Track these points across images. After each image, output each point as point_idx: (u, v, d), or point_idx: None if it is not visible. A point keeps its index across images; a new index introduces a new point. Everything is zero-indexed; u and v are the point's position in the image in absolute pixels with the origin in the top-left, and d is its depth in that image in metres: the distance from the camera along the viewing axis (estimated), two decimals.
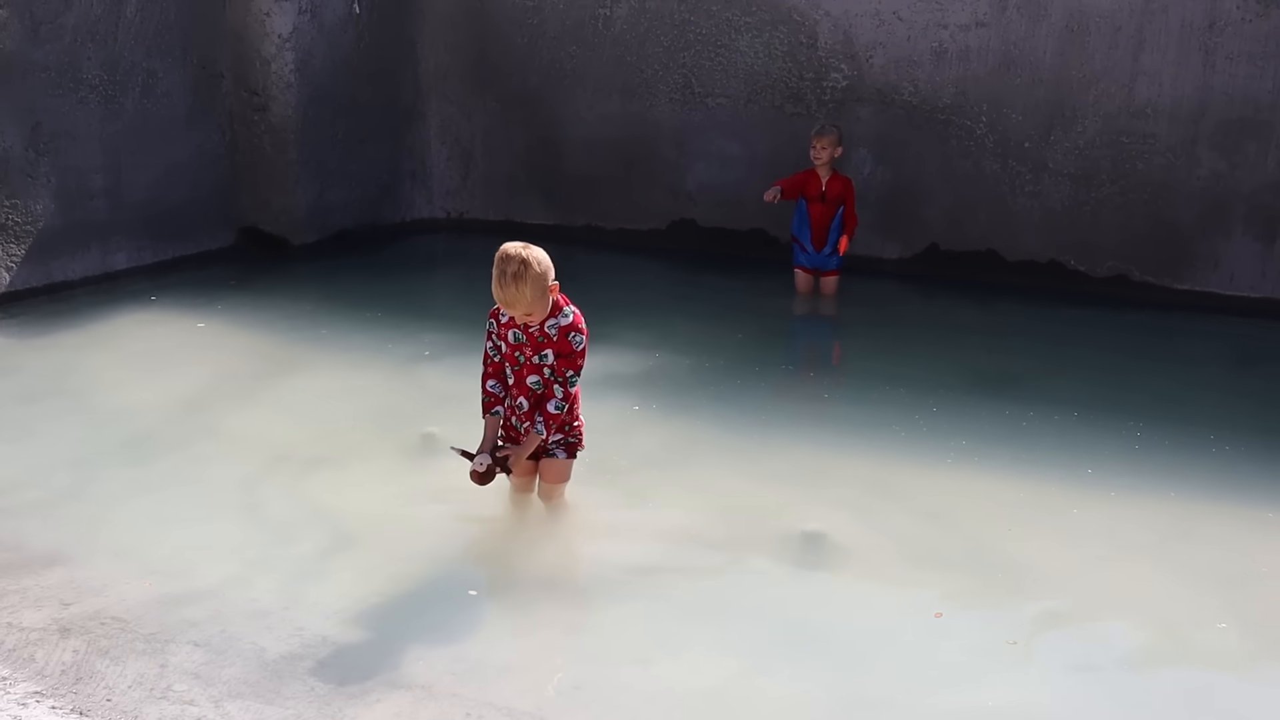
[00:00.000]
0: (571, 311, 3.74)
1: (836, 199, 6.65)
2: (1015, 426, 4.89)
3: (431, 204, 8.62)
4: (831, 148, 6.57)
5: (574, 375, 3.74)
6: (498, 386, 3.86)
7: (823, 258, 6.77)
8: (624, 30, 7.82)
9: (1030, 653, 3.30)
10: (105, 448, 4.53)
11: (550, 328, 3.71)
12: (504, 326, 3.80)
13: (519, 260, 3.57)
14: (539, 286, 3.59)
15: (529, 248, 3.62)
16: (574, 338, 3.71)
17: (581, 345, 3.73)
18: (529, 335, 3.73)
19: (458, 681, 3.04)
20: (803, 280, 6.88)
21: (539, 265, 3.59)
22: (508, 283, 3.57)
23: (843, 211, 6.69)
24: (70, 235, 6.57)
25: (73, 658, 3.10)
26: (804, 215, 6.76)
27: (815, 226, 6.73)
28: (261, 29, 7.26)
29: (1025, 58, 6.94)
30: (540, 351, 3.73)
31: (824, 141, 6.58)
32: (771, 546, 3.86)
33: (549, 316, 3.71)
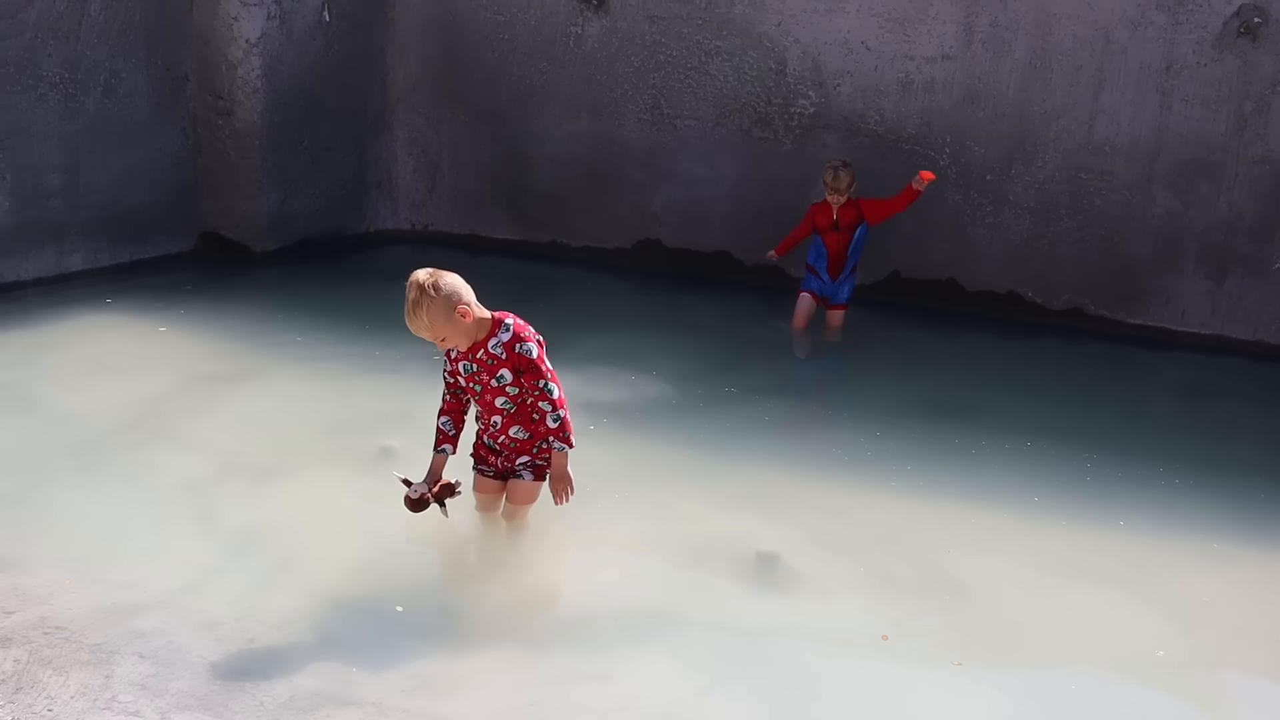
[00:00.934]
0: (511, 324, 3.68)
1: (851, 224, 6.53)
2: (968, 454, 4.95)
3: (396, 215, 8.58)
4: (847, 191, 6.42)
5: (546, 384, 3.68)
6: (449, 424, 3.82)
7: (835, 286, 6.63)
8: (595, 49, 7.85)
9: (975, 676, 3.33)
10: (54, 452, 4.45)
11: (494, 348, 3.66)
12: (454, 360, 3.76)
13: (417, 288, 3.53)
14: (442, 312, 3.53)
15: (436, 274, 3.57)
16: (522, 349, 3.65)
17: (535, 353, 3.66)
18: (478, 362, 3.69)
19: (409, 698, 3.01)
20: (805, 304, 6.66)
21: (440, 291, 3.52)
22: (409, 311, 3.56)
23: (860, 237, 6.54)
24: (24, 234, 6.46)
25: (14, 667, 3.03)
26: (819, 247, 6.61)
27: (832, 256, 6.58)
28: (229, 33, 7.20)
29: (989, 91, 7.06)
30: (495, 374, 3.69)
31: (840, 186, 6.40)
32: (727, 567, 3.86)
33: (489, 337, 3.66)
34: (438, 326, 3.56)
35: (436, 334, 3.59)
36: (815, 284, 6.67)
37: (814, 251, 6.64)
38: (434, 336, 3.60)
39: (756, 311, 6.95)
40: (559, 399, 3.71)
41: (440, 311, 3.53)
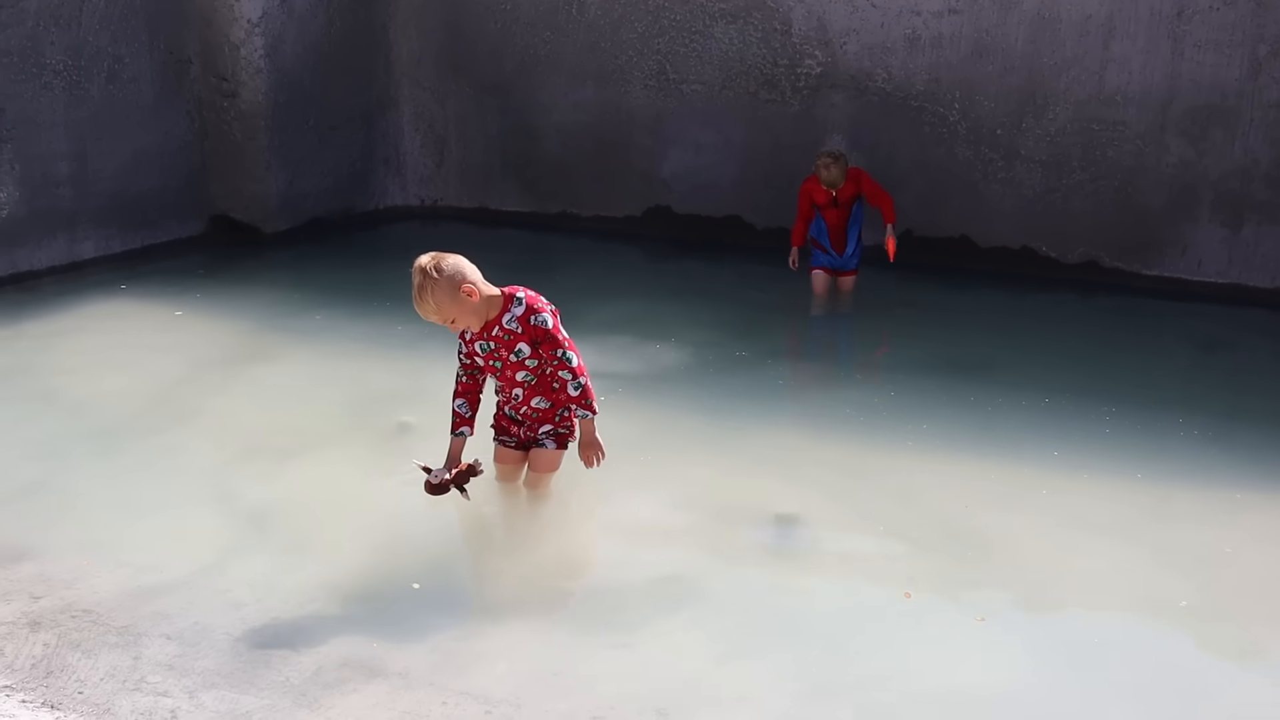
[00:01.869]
0: (523, 297, 3.67)
1: (850, 198, 6.40)
2: (985, 411, 4.93)
3: (405, 191, 8.56)
4: (840, 178, 6.26)
5: (565, 352, 3.67)
6: (465, 406, 3.81)
7: (844, 259, 6.53)
8: (598, 16, 7.78)
9: (999, 631, 3.34)
10: (74, 438, 4.48)
11: (509, 323, 3.65)
12: (470, 341, 3.76)
13: (420, 272, 3.54)
14: (446, 293, 3.52)
15: (438, 256, 3.56)
16: (537, 319, 3.64)
17: (550, 324, 3.65)
18: (494, 339, 3.69)
19: (434, 669, 3.04)
20: (820, 281, 6.59)
21: (443, 272, 3.52)
22: (416, 297, 3.57)
23: (864, 201, 6.40)
24: (36, 224, 6.48)
25: (43, 651, 3.07)
26: (820, 223, 6.50)
27: (833, 230, 6.47)
28: (230, 14, 7.17)
29: (997, 45, 6.97)
30: (513, 349, 3.69)
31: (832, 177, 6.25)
32: (746, 530, 3.87)
33: (501, 313, 3.65)
34: (445, 308, 3.55)
35: (445, 316, 3.58)
36: (824, 259, 6.56)
37: (815, 227, 6.53)
38: (443, 319, 3.59)
39: (768, 275, 6.92)
40: (578, 366, 3.70)
41: (445, 293, 3.52)
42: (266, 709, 2.85)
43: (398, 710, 2.86)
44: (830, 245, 6.51)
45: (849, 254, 6.52)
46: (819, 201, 6.41)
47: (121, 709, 2.83)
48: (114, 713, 2.80)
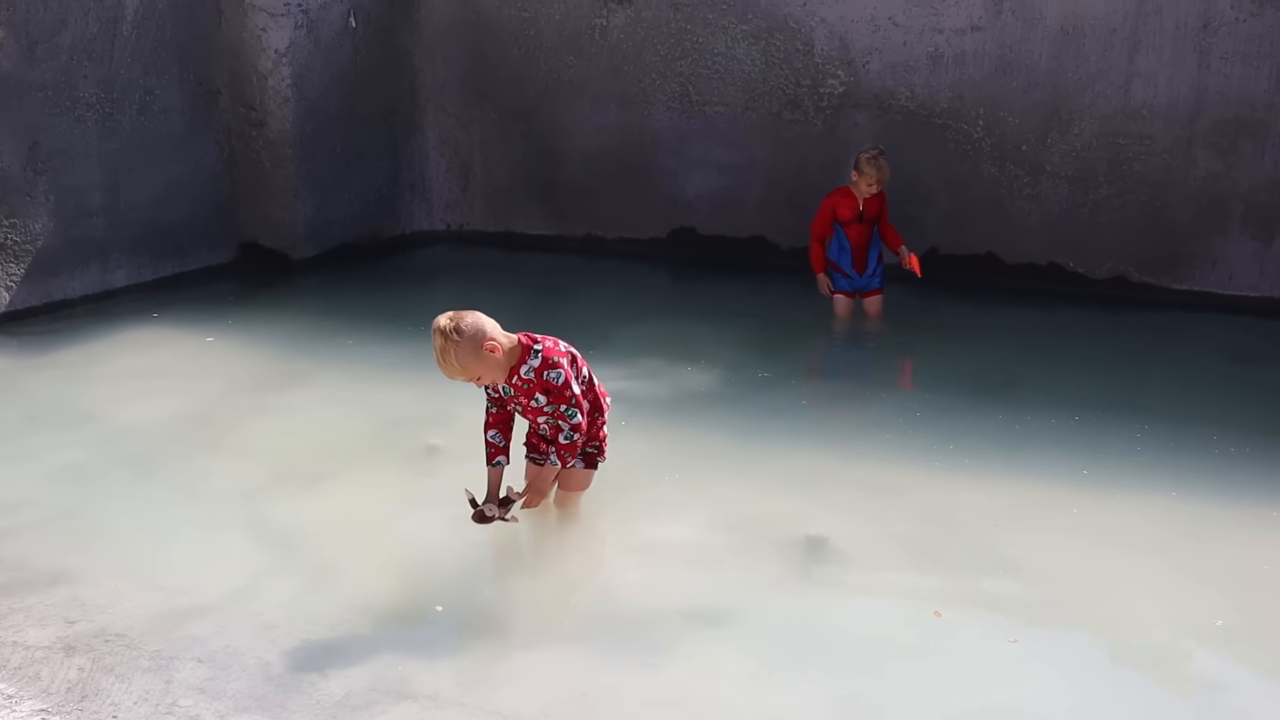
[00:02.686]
0: (540, 349, 3.65)
1: (874, 216, 6.29)
2: (1013, 429, 4.89)
3: (431, 216, 8.63)
4: (883, 183, 6.17)
5: (570, 409, 3.67)
6: (499, 436, 3.81)
7: (865, 279, 6.40)
8: (620, 40, 7.84)
9: (1031, 651, 3.30)
10: (107, 464, 4.53)
11: (527, 373, 3.65)
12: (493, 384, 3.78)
13: (440, 334, 3.52)
14: (469, 353, 3.51)
15: (456, 316, 3.55)
16: (549, 375, 3.63)
17: (561, 379, 3.63)
18: (514, 387, 3.70)
19: (463, 690, 3.04)
20: (844, 306, 6.43)
21: (464, 333, 3.50)
22: (439, 359, 3.56)
23: (879, 227, 6.31)
24: (69, 253, 6.58)
25: (78, 675, 3.10)
26: (842, 240, 6.32)
27: (855, 249, 6.31)
28: (258, 45, 7.28)
29: (1021, 61, 6.96)
30: (531, 397, 3.70)
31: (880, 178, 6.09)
32: (774, 551, 3.86)
33: (519, 364, 3.64)
34: (470, 367, 3.55)
35: (470, 375, 3.58)
36: (845, 283, 6.41)
37: (835, 247, 6.36)
38: (468, 377, 3.59)
39: (794, 295, 6.90)
40: (578, 424, 3.70)
41: (469, 353, 3.51)
42: None
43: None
44: (851, 265, 6.36)
45: (870, 274, 6.42)
46: (843, 217, 6.29)
47: None
48: None
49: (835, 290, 6.46)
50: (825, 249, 6.44)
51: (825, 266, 6.46)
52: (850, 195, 6.26)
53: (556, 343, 3.75)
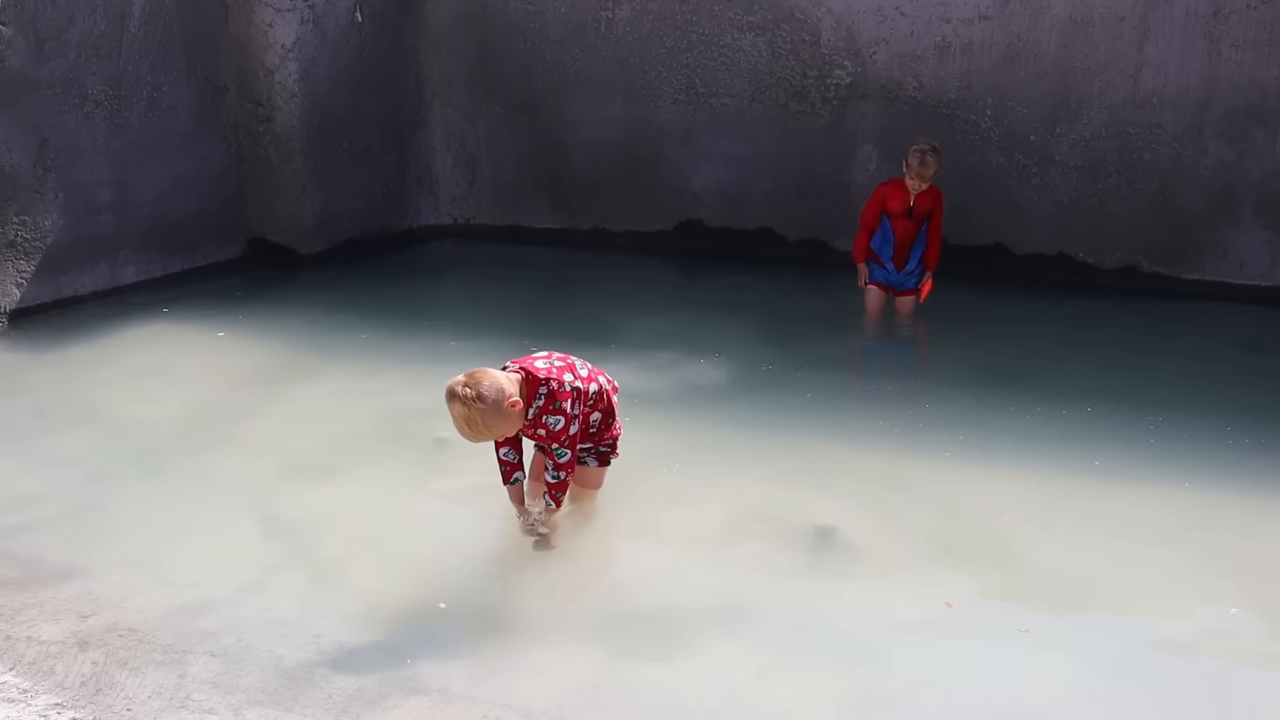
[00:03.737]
0: (544, 391, 3.53)
1: (924, 214, 6.08)
2: (1023, 420, 4.87)
3: (438, 210, 8.64)
4: (931, 179, 5.94)
5: (560, 449, 3.62)
6: (511, 453, 3.76)
7: (901, 276, 6.23)
8: (626, 32, 7.83)
9: (1043, 641, 3.29)
10: (118, 460, 4.54)
11: (531, 413, 3.58)
12: None
13: (462, 403, 3.36)
14: (495, 417, 3.40)
15: (473, 382, 3.38)
16: (549, 420, 3.56)
17: (560, 425, 3.55)
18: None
19: (474, 684, 3.05)
20: (875, 298, 6.28)
21: (486, 399, 3.37)
22: (464, 430, 3.43)
23: (928, 227, 6.12)
24: (79, 250, 6.59)
25: (92, 669, 3.11)
26: (887, 232, 6.14)
27: (899, 244, 6.13)
28: (264, 40, 7.28)
29: (1029, 50, 6.93)
30: (535, 429, 3.63)
31: (926, 174, 5.88)
32: (785, 543, 3.85)
33: (528, 404, 3.55)
34: (497, 428, 3.45)
35: (497, 435, 3.51)
36: (880, 274, 6.26)
37: (880, 237, 6.18)
38: (496, 438, 3.54)
39: (802, 287, 6.90)
40: (566, 463, 3.66)
41: (495, 416, 3.40)
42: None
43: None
44: (891, 259, 6.18)
45: (908, 272, 6.22)
46: (892, 209, 6.08)
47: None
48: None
49: (869, 281, 6.30)
50: (870, 240, 6.24)
51: (866, 257, 6.29)
52: (903, 188, 6.05)
53: (563, 370, 3.60)
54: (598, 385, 3.75)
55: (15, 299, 6.28)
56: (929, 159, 5.89)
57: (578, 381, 3.63)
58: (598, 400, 3.76)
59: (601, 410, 3.80)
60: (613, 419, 3.87)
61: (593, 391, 3.72)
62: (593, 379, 3.74)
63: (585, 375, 3.70)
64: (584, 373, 3.70)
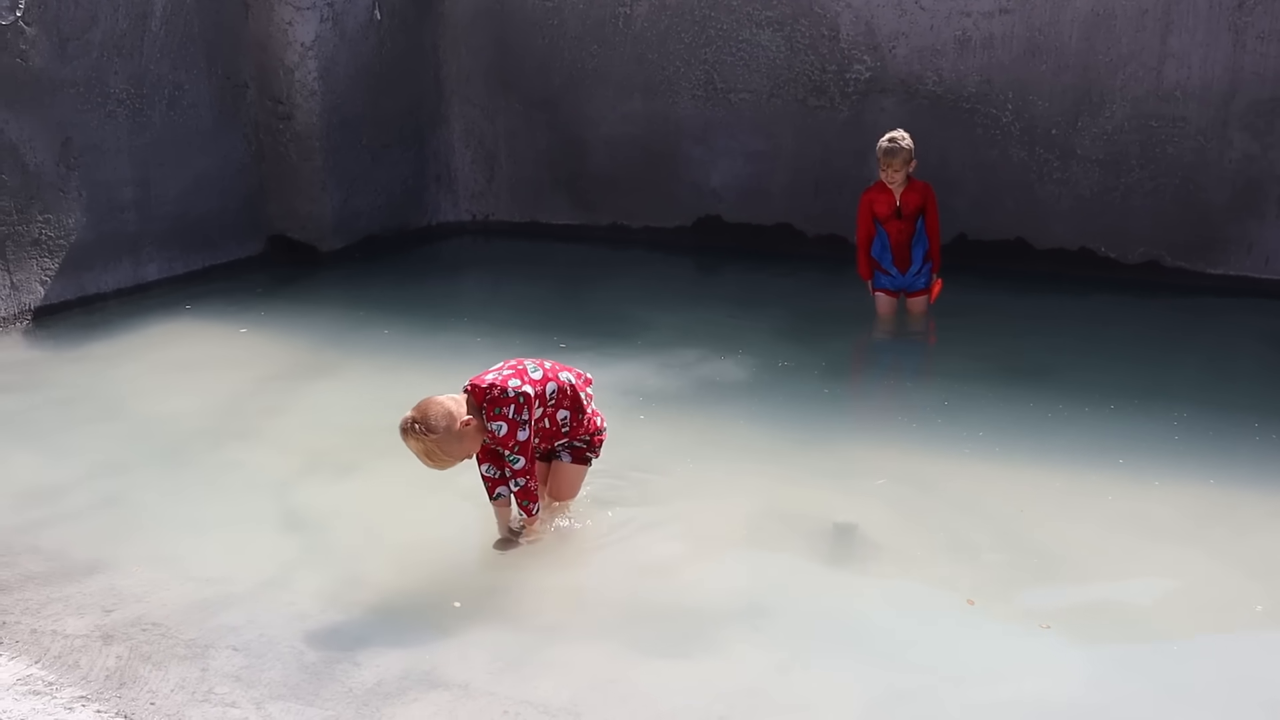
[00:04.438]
0: (488, 400, 3.54)
1: (915, 211, 5.94)
2: (1045, 418, 4.83)
3: (457, 207, 8.66)
4: (905, 166, 5.80)
5: (511, 455, 3.61)
6: (491, 469, 3.73)
7: (909, 278, 6.07)
8: (645, 28, 7.82)
9: (1065, 638, 3.27)
10: (141, 456, 4.58)
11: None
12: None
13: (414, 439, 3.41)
14: (451, 441, 3.44)
15: (420, 415, 3.42)
16: (492, 427, 3.54)
17: (504, 431, 3.53)
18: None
19: (494, 679, 3.05)
20: (885, 304, 6.14)
21: (435, 428, 3.40)
22: (424, 461, 3.49)
23: (925, 225, 5.97)
24: (102, 248, 6.65)
25: (116, 663, 3.14)
26: (883, 238, 6.01)
27: (895, 246, 5.99)
28: (284, 38, 7.31)
29: (1050, 43, 6.87)
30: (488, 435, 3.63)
31: (895, 164, 5.77)
32: (804, 539, 3.84)
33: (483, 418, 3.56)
34: (456, 451, 3.48)
35: (460, 457, 3.53)
36: (886, 281, 6.11)
37: (877, 243, 6.05)
38: (454, 463, 3.54)
39: (821, 283, 6.87)
40: (520, 469, 3.64)
41: (450, 442, 3.44)
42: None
43: (459, 718, 2.88)
44: (892, 264, 6.04)
45: (914, 273, 6.06)
46: (880, 213, 5.98)
47: (192, 719, 2.88)
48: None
49: (875, 288, 6.16)
50: (870, 253, 6.10)
51: (871, 269, 6.13)
52: (886, 190, 5.94)
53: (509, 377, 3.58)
54: (557, 384, 3.68)
55: (40, 296, 6.34)
56: (893, 147, 5.75)
57: (525, 386, 3.57)
58: (560, 398, 3.70)
59: (568, 407, 3.73)
60: (583, 414, 3.78)
61: (551, 392, 3.66)
62: (550, 378, 3.67)
63: (538, 378, 3.63)
64: (536, 375, 3.64)
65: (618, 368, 5.32)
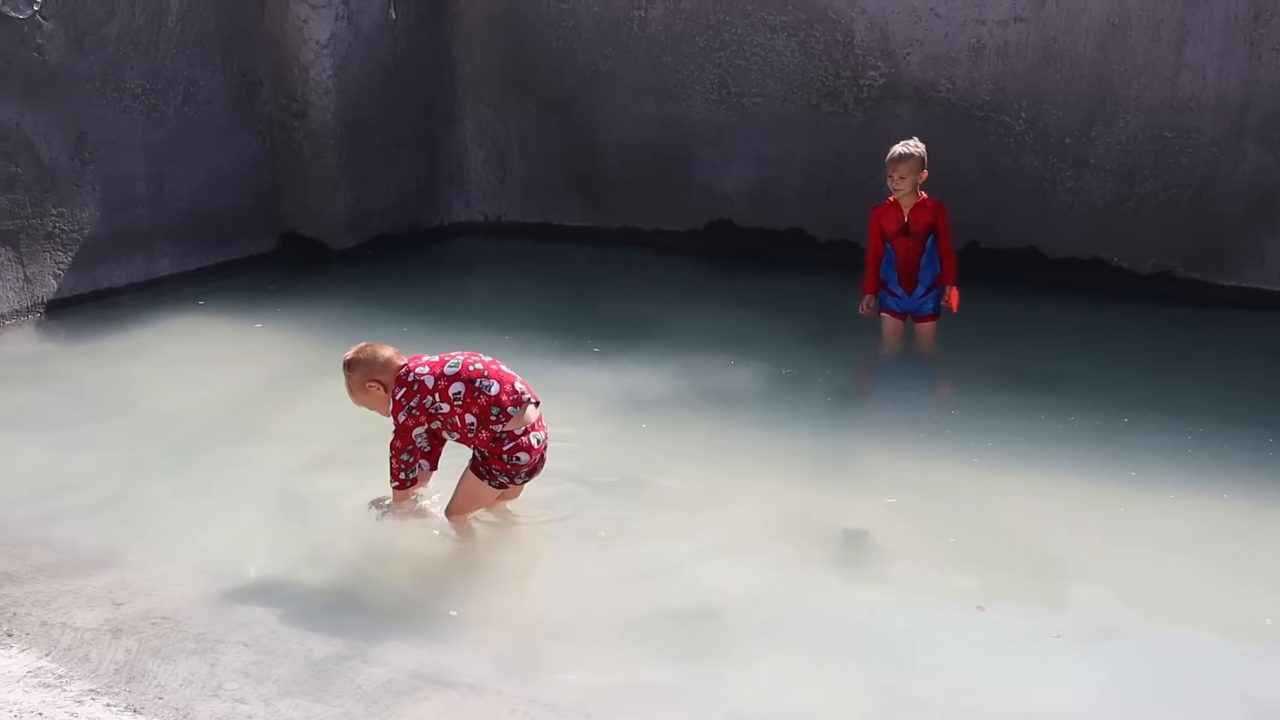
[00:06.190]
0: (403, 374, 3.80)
1: (925, 229, 5.67)
2: (1055, 428, 4.82)
3: (469, 207, 8.67)
4: (913, 175, 5.54)
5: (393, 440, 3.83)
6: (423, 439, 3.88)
7: (915, 300, 5.80)
8: (659, 31, 7.83)
9: (1075, 648, 3.26)
10: (152, 450, 4.59)
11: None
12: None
13: (344, 366, 3.86)
14: (356, 393, 3.87)
15: (353, 357, 3.85)
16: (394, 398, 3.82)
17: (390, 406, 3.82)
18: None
19: (502, 679, 3.05)
20: (891, 326, 5.88)
21: (350, 373, 3.85)
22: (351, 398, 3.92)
23: (936, 245, 5.70)
24: (115, 242, 6.67)
25: (125, 657, 3.14)
26: (890, 255, 5.76)
27: (902, 266, 5.72)
28: (299, 36, 7.33)
29: (1065, 53, 6.87)
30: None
31: (901, 170, 5.52)
32: (814, 545, 3.84)
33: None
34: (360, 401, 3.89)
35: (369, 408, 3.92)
36: (892, 302, 5.85)
37: (885, 262, 5.81)
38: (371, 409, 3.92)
39: (833, 289, 6.85)
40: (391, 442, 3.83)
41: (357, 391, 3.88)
42: (340, 717, 2.88)
43: (467, 717, 2.88)
44: (899, 283, 5.79)
45: (919, 295, 5.79)
46: (888, 230, 5.74)
47: (200, 714, 2.88)
48: (194, 718, 2.86)
49: (882, 308, 5.91)
50: (878, 270, 5.86)
51: (877, 290, 5.89)
52: (895, 206, 5.72)
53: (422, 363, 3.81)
54: (465, 387, 3.69)
55: (53, 290, 6.36)
56: (905, 152, 5.52)
57: (426, 375, 3.75)
58: (468, 402, 3.68)
59: (476, 415, 3.69)
60: (486, 428, 3.69)
61: (455, 392, 3.69)
62: (460, 379, 3.70)
63: (451, 373, 3.72)
64: (451, 370, 3.73)
65: (627, 370, 5.32)
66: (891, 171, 5.62)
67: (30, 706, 2.89)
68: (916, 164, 5.58)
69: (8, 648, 3.15)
